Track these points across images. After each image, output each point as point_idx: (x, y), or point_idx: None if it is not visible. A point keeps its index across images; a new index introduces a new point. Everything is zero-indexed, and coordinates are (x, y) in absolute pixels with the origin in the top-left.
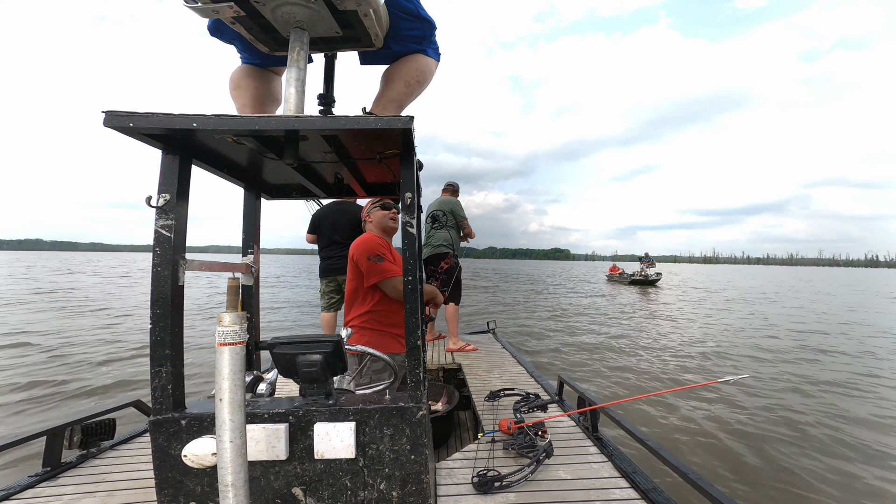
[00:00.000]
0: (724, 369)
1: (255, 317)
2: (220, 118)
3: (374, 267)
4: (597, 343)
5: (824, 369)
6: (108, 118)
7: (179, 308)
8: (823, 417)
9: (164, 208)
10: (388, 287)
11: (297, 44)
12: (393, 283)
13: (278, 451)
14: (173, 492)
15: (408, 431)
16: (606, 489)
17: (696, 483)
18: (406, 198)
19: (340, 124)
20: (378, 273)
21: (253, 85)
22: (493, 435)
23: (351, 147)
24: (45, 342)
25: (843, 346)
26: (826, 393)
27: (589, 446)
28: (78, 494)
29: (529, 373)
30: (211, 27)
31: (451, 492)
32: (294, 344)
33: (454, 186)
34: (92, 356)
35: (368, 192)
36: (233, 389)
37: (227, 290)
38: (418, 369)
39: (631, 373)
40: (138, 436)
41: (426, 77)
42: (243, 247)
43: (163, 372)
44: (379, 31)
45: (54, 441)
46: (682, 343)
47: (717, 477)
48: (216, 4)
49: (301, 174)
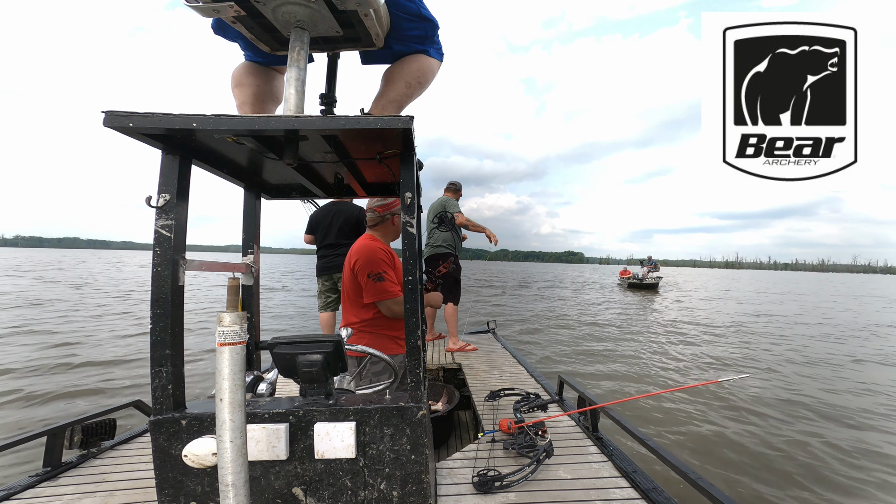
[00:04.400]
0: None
1: (255, 317)
2: (220, 118)
3: (374, 286)
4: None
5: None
6: (108, 118)
7: (179, 308)
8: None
9: (164, 208)
10: (384, 307)
11: (298, 43)
12: (390, 304)
13: (278, 451)
14: (174, 492)
15: (408, 431)
16: (606, 489)
17: (696, 483)
18: (406, 198)
19: (340, 124)
20: (377, 293)
21: (255, 83)
22: (493, 435)
23: (351, 147)
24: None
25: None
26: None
27: (589, 446)
28: (78, 494)
29: (529, 372)
30: (214, 26)
31: (452, 491)
32: (294, 344)
33: (455, 186)
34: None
35: (368, 192)
36: (233, 389)
37: (227, 290)
38: (418, 369)
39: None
40: (138, 436)
41: (427, 78)
42: (243, 247)
43: (163, 372)
44: (380, 30)
45: (54, 441)
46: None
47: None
48: (217, 4)
49: (301, 174)
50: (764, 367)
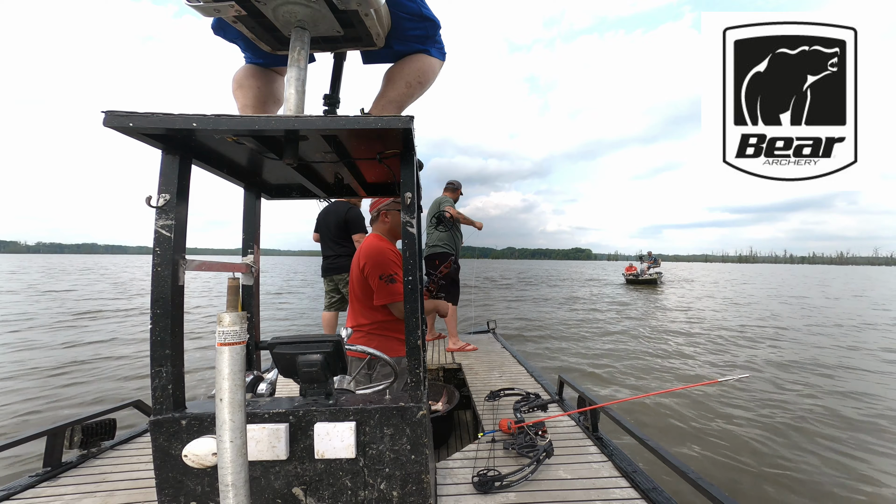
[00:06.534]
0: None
1: (255, 317)
2: (220, 118)
3: (386, 288)
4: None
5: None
6: (108, 118)
7: (179, 308)
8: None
9: (164, 208)
10: (395, 309)
11: (298, 43)
12: (401, 306)
13: (278, 451)
14: (174, 492)
15: (408, 431)
16: (606, 489)
17: (696, 483)
18: (406, 198)
19: (340, 124)
20: (388, 295)
21: (256, 85)
22: (493, 435)
23: (351, 147)
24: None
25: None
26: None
27: (589, 446)
28: (78, 494)
29: (529, 372)
30: (214, 26)
31: (452, 491)
32: (294, 344)
33: (454, 185)
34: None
35: (368, 192)
36: (233, 389)
37: (227, 290)
38: (418, 369)
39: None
40: (138, 436)
41: (428, 78)
42: (243, 247)
43: (163, 372)
44: (380, 30)
45: (54, 441)
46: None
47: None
48: (218, 3)
49: (301, 174)
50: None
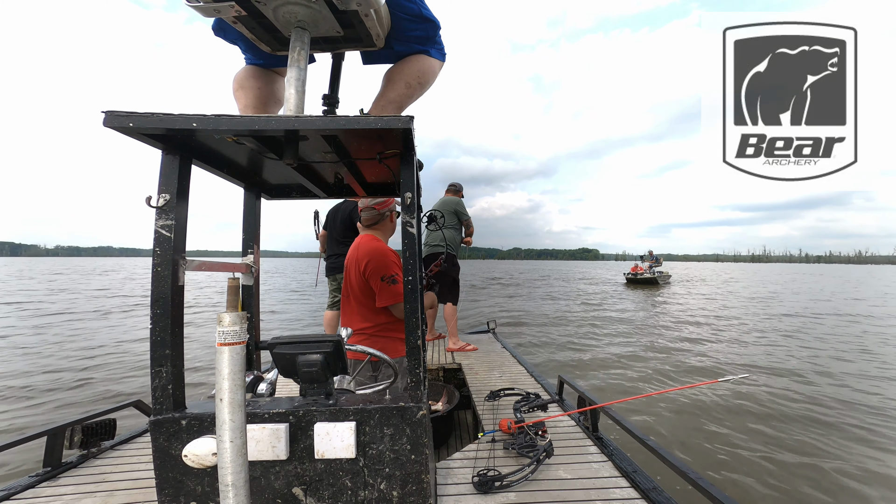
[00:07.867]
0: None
1: (255, 317)
2: (220, 118)
3: (388, 290)
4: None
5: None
6: (108, 118)
7: (179, 308)
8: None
9: (164, 208)
10: (397, 311)
11: (298, 43)
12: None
13: (278, 451)
14: (174, 492)
15: (408, 431)
16: (606, 489)
17: (696, 483)
18: (406, 198)
19: (340, 124)
20: (392, 296)
21: (256, 86)
22: (493, 435)
23: (351, 147)
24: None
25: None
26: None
27: (589, 446)
28: (78, 494)
29: (529, 372)
30: (215, 27)
31: (452, 491)
32: (294, 344)
33: (456, 186)
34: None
35: (368, 192)
36: (233, 389)
37: (227, 290)
38: (418, 369)
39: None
40: (138, 436)
41: (428, 78)
42: (243, 247)
43: (163, 372)
44: (380, 31)
45: (55, 441)
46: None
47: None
48: (218, 4)
49: (301, 174)
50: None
